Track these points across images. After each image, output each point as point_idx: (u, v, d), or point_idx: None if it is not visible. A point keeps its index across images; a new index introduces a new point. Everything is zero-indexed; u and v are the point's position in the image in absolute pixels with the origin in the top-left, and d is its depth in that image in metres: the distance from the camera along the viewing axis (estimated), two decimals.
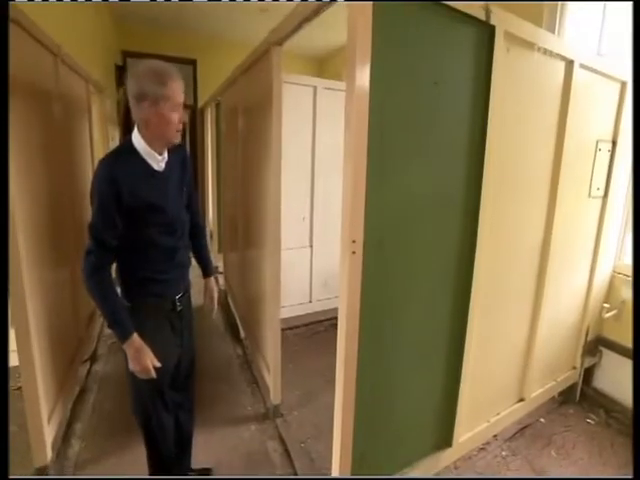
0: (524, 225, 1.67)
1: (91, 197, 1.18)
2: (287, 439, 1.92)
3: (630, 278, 2.15)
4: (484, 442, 1.89)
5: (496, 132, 1.36)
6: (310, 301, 3.32)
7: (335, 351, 1.19)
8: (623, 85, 1.93)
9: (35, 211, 1.64)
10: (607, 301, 2.26)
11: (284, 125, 1.83)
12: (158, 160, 1.27)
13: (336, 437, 1.25)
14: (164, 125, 1.21)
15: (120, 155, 1.24)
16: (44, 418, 1.56)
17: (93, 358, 2.57)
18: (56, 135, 1.98)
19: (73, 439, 1.88)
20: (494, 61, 1.29)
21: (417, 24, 1.12)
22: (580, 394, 2.30)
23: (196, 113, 5.12)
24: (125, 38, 4.99)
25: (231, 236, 3.22)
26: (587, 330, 2.19)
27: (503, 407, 1.86)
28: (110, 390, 2.27)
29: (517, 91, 1.44)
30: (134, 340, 1.22)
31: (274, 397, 2.06)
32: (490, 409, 1.80)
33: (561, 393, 2.26)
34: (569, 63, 1.60)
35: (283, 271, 2.01)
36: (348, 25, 1.00)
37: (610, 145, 1.97)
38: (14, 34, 1.34)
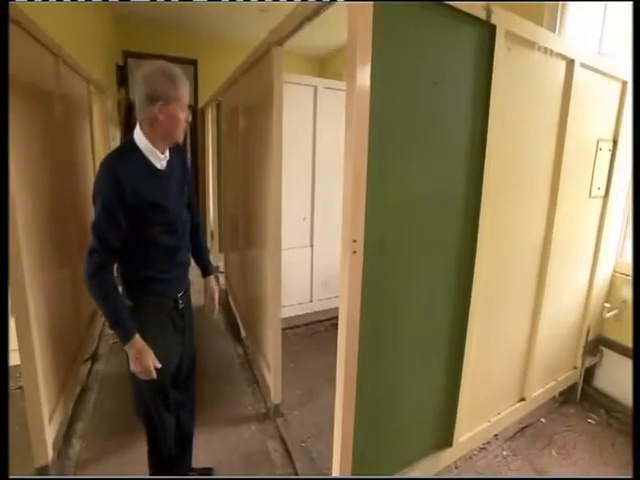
0: (524, 226, 1.67)
1: (94, 197, 1.18)
2: (288, 439, 1.92)
3: (630, 278, 2.15)
4: (485, 442, 1.89)
5: (497, 131, 1.36)
6: (311, 301, 3.32)
7: (335, 351, 1.19)
8: (624, 84, 1.92)
9: (36, 212, 1.64)
10: (608, 301, 2.26)
11: (285, 125, 1.83)
12: (160, 159, 1.27)
13: (336, 437, 1.25)
14: (173, 125, 1.22)
15: (123, 154, 1.24)
16: (45, 418, 1.56)
17: (94, 357, 2.58)
18: (57, 135, 1.98)
19: (74, 438, 1.89)
20: (495, 61, 1.29)
21: (417, 24, 1.12)
22: (581, 394, 2.29)
23: (197, 113, 5.12)
24: (126, 38, 4.99)
25: (232, 236, 3.22)
26: (588, 330, 2.19)
27: (504, 407, 1.86)
28: (111, 390, 2.28)
29: (518, 90, 1.44)
30: (136, 341, 1.22)
31: (275, 397, 2.06)
32: (491, 409, 1.80)
33: (562, 393, 2.26)
34: (570, 62, 1.60)
35: (284, 271, 2.01)
36: (348, 25, 1.00)
37: (611, 144, 1.97)
38: (14, 34, 1.34)
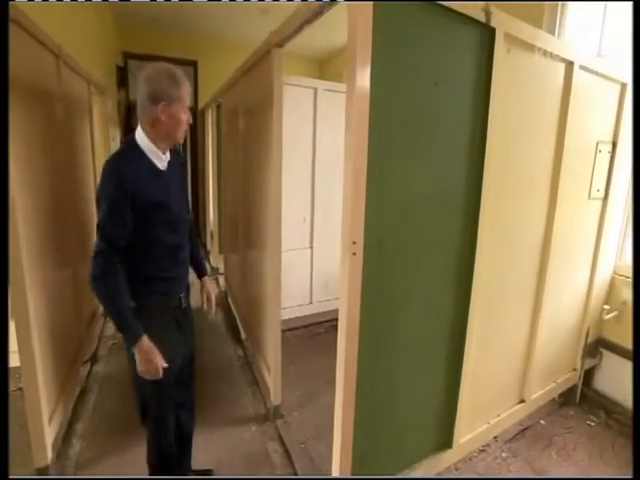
0: (524, 225, 1.67)
1: (98, 199, 1.18)
2: (287, 440, 1.92)
3: (630, 279, 2.15)
4: (484, 443, 1.88)
5: (496, 132, 1.36)
6: (310, 302, 3.32)
7: (335, 352, 1.19)
8: (623, 87, 1.93)
9: (36, 212, 1.64)
10: (607, 302, 2.26)
11: (285, 127, 1.83)
12: (162, 159, 1.28)
13: (336, 438, 1.25)
14: (175, 125, 1.24)
15: (125, 155, 1.25)
16: (45, 419, 1.56)
17: (94, 358, 2.57)
18: (57, 136, 1.98)
19: (74, 439, 1.88)
20: (494, 62, 1.30)
21: (417, 24, 1.13)
22: (580, 396, 2.29)
23: (197, 114, 5.12)
24: (126, 39, 5.00)
25: (232, 237, 3.22)
26: (587, 331, 2.19)
27: (503, 408, 1.85)
28: (111, 390, 2.27)
29: (517, 92, 1.44)
30: (144, 343, 1.21)
31: (274, 398, 2.06)
32: (490, 410, 1.80)
33: (561, 395, 2.25)
34: (569, 64, 1.61)
35: (284, 272, 2.01)
36: (348, 25, 1.01)
37: (610, 146, 1.97)
38: (14, 34, 1.35)
